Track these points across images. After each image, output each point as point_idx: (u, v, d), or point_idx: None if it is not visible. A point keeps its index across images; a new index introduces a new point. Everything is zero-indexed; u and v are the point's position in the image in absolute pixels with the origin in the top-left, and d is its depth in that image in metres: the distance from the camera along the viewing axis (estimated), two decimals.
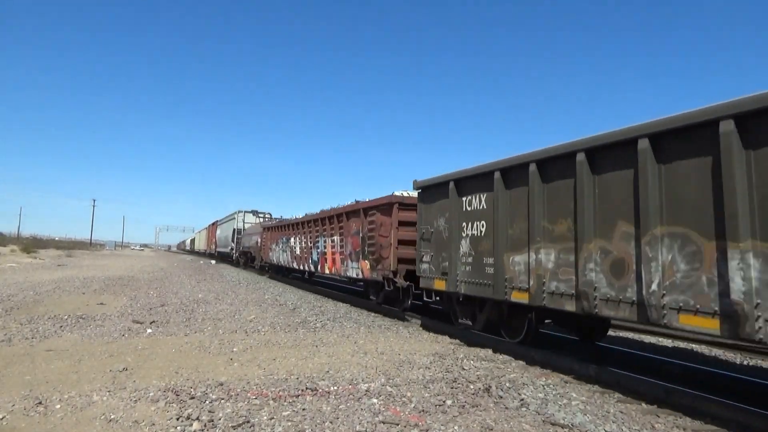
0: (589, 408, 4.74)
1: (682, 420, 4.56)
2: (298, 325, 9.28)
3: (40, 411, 4.14)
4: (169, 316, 9.71)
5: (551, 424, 4.27)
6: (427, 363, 6.41)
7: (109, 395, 4.59)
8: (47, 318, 8.87)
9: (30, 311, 9.66)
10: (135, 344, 6.96)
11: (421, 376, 5.75)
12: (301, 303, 12.98)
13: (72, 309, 10.11)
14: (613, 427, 4.24)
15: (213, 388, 4.88)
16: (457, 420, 4.26)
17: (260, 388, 4.96)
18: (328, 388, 5.03)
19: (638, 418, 4.56)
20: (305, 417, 4.15)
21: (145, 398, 4.53)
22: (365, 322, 10.11)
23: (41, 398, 4.43)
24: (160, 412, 4.18)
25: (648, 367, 6.68)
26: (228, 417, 4.07)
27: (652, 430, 4.29)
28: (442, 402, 4.73)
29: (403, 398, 4.81)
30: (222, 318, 9.72)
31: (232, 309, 11.10)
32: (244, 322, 9.26)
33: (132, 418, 4.02)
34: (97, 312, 9.87)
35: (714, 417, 4.58)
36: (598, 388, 5.54)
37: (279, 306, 12.21)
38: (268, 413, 4.20)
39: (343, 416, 4.21)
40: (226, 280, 21.00)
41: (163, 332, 7.98)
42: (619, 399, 5.19)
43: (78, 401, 4.39)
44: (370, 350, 7.16)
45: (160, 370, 5.62)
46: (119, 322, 8.71)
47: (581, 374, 6.01)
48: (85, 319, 8.91)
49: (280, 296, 14.68)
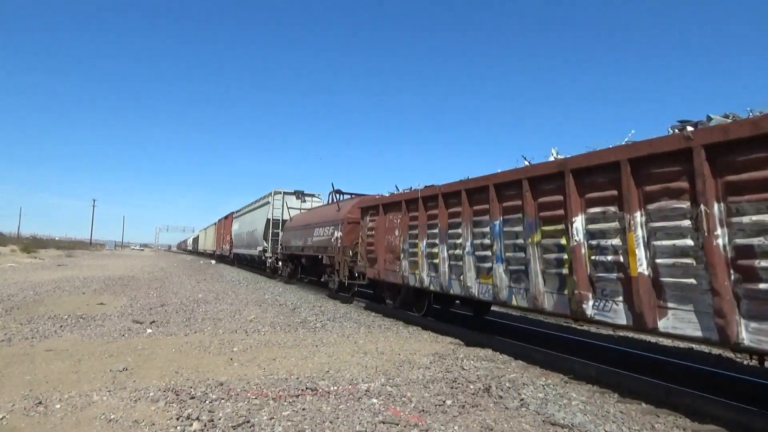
0: (589, 408, 4.74)
1: (682, 420, 4.56)
2: (298, 325, 9.28)
3: (40, 411, 4.14)
4: (169, 316, 9.71)
5: (551, 424, 4.27)
6: (427, 363, 6.42)
7: (109, 395, 4.59)
8: (47, 318, 8.87)
9: (30, 311, 9.66)
10: (135, 344, 6.97)
11: (421, 376, 5.75)
12: (301, 303, 12.97)
13: (72, 309, 10.11)
14: (613, 427, 4.24)
15: (213, 388, 4.88)
16: (457, 420, 4.26)
17: (260, 388, 4.96)
18: (328, 388, 5.03)
19: (638, 418, 4.56)
20: (305, 417, 4.15)
21: (145, 398, 4.53)
22: (365, 322, 10.11)
23: (41, 398, 4.43)
24: (160, 412, 4.19)
25: (644, 365, 6.68)
26: (228, 417, 4.07)
27: (652, 430, 4.30)
28: (442, 402, 4.73)
29: (403, 398, 4.81)
30: (222, 318, 9.72)
31: (232, 309, 11.11)
32: (244, 322, 9.27)
33: (132, 418, 4.02)
34: (97, 312, 9.87)
35: (714, 417, 4.58)
36: (597, 388, 5.54)
37: (279, 306, 12.21)
38: (268, 413, 4.21)
39: (343, 416, 4.21)
40: (226, 280, 21.01)
41: (163, 332, 7.98)
42: (619, 399, 5.19)
43: (78, 401, 4.39)
44: (370, 350, 7.16)
45: (160, 370, 5.62)
46: (119, 322, 8.71)
47: (582, 374, 6.01)
48: (85, 319, 8.91)
49: (280, 296, 14.68)
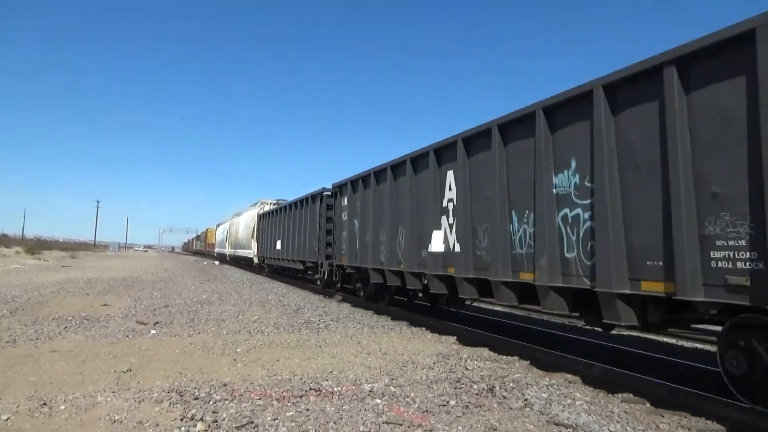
0: (593, 408, 4.72)
1: (686, 420, 4.54)
2: (301, 325, 9.28)
3: (44, 412, 4.15)
4: (172, 316, 9.74)
5: (555, 424, 4.26)
6: (431, 363, 6.41)
7: (114, 396, 4.60)
8: (51, 319, 8.90)
9: (34, 312, 9.70)
10: (139, 345, 6.98)
11: (425, 376, 5.74)
12: (304, 304, 12.99)
13: (76, 310, 10.14)
14: (617, 427, 4.22)
15: (217, 389, 4.88)
16: (461, 420, 4.25)
17: (264, 389, 4.96)
18: (332, 389, 5.03)
19: (642, 418, 4.54)
20: (309, 417, 4.15)
21: (150, 399, 4.54)
22: (368, 322, 10.11)
23: (46, 399, 4.44)
24: (164, 412, 4.19)
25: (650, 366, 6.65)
26: (232, 417, 4.08)
27: (656, 430, 4.27)
28: (446, 402, 4.72)
29: (407, 398, 4.81)
30: (225, 319, 9.73)
31: (235, 310, 11.12)
32: (248, 323, 9.28)
33: (136, 418, 4.03)
34: (101, 313, 9.90)
35: (719, 417, 4.56)
36: (602, 388, 5.52)
37: (282, 307, 12.23)
38: (271, 414, 4.21)
39: (346, 417, 4.21)
40: (230, 280, 21.05)
41: (167, 333, 8.00)
42: (624, 399, 5.17)
43: (82, 402, 4.40)
44: (373, 351, 7.15)
45: (164, 370, 5.63)
46: (123, 323, 8.73)
47: (586, 374, 5.99)
48: (89, 320, 8.94)
49: (283, 297, 14.70)
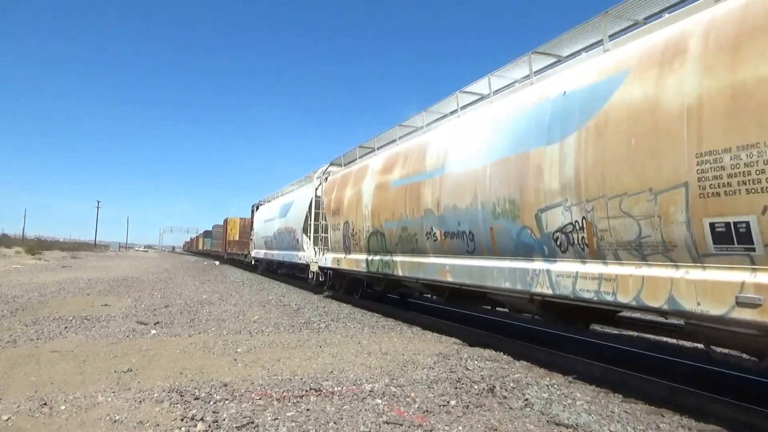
0: (593, 408, 4.72)
1: (687, 420, 4.54)
2: (301, 325, 9.29)
3: (45, 412, 4.15)
4: (173, 317, 9.74)
5: (555, 424, 4.26)
6: (431, 363, 6.41)
7: (114, 396, 4.61)
8: (52, 319, 8.91)
9: (35, 312, 9.70)
10: (139, 345, 6.98)
11: (425, 376, 5.74)
12: (304, 304, 12.99)
13: (77, 310, 10.14)
14: (617, 427, 4.22)
15: (217, 389, 4.89)
16: (461, 420, 4.26)
17: (264, 389, 4.97)
18: (332, 389, 5.03)
19: (643, 418, 4.54)
20: (309, 417, 4.16)
21: (150, 399, 4.54)
22: (369, 322, 10.11)
23: (46, 399, 4.44)
24: (164, 412, 4.20)
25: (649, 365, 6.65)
26: (232, 418, 4.08)
27: (657, 430, 4.28)
28: (446, 402, 4.73)
29: (407, 398, 4.81)
30: (226, 319, 9.73)
31: (236, 310, 11.12)
32: (248, 323, 9.28)
33: (137, 418, 4.03)
34: (102, 313, 9.90)
35: (719, 417, 4.56)
36: (602, 388, 5.52)
37: (283, 307, 12.23)
38: (272, 414, 4.21)
39: (347, 417, 4.21)
40: (230, 281, 21.06)
41: (167, 333, 8.00)
42: (624, 399, 5.17)
43: (83, 402, 4.40)
44: (373, 351, 7.16)
45: (165, 370, 5.64)
46: (123, 323, 8.73)
47: (585, 374, 5.99)
48: (90, 320, 8.94)
49: (284, 297, 14.71)
